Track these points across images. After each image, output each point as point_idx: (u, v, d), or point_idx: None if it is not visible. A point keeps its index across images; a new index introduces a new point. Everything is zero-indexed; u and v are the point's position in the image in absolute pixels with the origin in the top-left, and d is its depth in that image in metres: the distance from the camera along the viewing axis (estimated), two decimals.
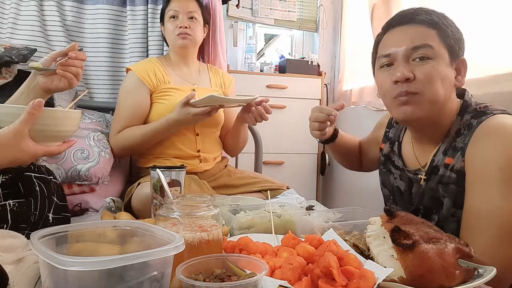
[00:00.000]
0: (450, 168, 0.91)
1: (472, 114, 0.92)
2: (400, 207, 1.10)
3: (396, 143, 1.12)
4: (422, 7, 0.96)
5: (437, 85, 0.88)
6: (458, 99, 0.98)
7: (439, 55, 0.89)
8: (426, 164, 0.99)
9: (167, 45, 1.65)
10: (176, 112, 1.34)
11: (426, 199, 1.00)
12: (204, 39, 1.71)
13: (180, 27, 1.49)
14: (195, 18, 1.53)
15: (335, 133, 1.28)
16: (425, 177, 0.98)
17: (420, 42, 0.89)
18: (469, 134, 0.88)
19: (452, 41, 0.90)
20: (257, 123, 1.47)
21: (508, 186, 0.79)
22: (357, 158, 1.37)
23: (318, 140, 1.28)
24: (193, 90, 1.49)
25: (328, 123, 1.17)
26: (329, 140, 1.28)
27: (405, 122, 1.01)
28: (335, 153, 1.37)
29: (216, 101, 1.34)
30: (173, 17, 1.52)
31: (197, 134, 1.50)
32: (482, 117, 0.89)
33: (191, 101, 1.31)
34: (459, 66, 0.93)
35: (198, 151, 1.50)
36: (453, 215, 0.92)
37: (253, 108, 1.41)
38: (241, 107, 1.47)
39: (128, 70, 1.53)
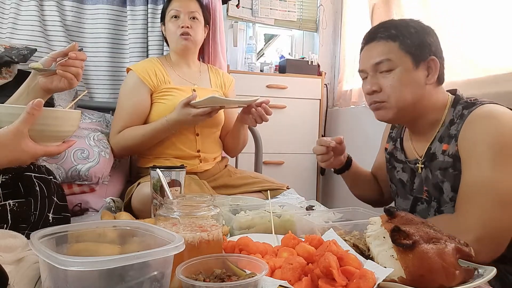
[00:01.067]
0: (446, 154, 1.01)
1: (463, 105, 1.02)
2: (402, 198, 1.18)
3: (398, 139, 1.22)
4: (384, 22, 1.09)
5: (402, 92, 1.02)
6: (450, 94, 1.08)
7: (401, 64, 1.01)
8: (423, 153, 1.08)
9: (168, 45, 1.65)
10: (177, 113, 1.34)
11: (427, 187, 1.07)
12: (204, 39, 1.71)
13: (182, 27, 1.49)
14: (197, 18, 1.53)
15: (349, 162, 1.31)
16: (422, 165, 1.08)
17: (380, 58, 1.03)
18: (462, 122, 0.99)
19: (413, 48, 1.01)
20: (258, 124, 1.47)
21: (497, 160, 0.90)
22: (374, 187, 1.36)
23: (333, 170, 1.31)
24: (194, 90, 1.49)
25: (332, 153, 1.21)
26: (343, 169, 1.30)
27: (384, 121, 1.14)
28: (351, 182, 1.36)
29: (217, 102, 1.34)
30: (175, 17, 1.52)
31: (197, 134, 1.50)
32: (472, 107, 0.99)
33: (192, 102, 1.31)
34: (430, 65, 1.03)
35: (198, 151, 1.50)
36: (451, 199, 1.00)
37: (253, 109, 1.41)
38: (242, 108, 1.47)
39: (128, 70, 1.53)
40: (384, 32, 1.04)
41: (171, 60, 1.58)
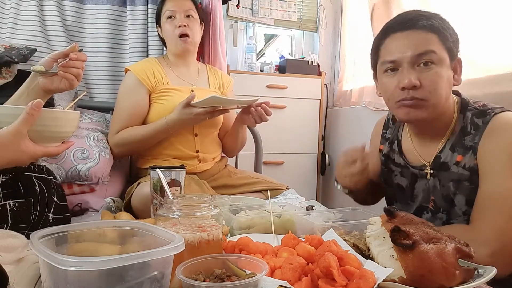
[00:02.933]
0: (462, 166, 0.96)
1: (473, 112, 0.97)
2: (401, 204, 1.13)
3: (396, 141, 1.14)
4: (421, 11, 0.99)
5: (441, 89, 0.93)
6: (455, 96, 1.03)
7: (441, 59, 0.93)
8: (431, 159, 1.02)
9: (165, 46, 1.65)
10: (177, 113, 1.34)
11: (435, 197, 1.02)
12: (204, 39, 1.71)
13: (180, 26, 1.49)
14: (192, 16, 1.53)
15: None
16: (431, 172, 1.02)
17: (424, 49, 0.92)
18: (478, 133, 0.94)
19: (451, 44, 0.94)
20: (257, 124, 1.47)
21: None
22: (374, 189, 1.25)
23: (346, 191, 1.11)
24: (192, 90, 1.49)
25: (367, 161, 1.03)
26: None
27: (408, 122, 1.05)
28: (364, 193, 1.19)
29: (218, 102, 1.34)
30: (170, 17, 1.52)
31: (196, 135, 1.50)
32: (485, 116, 0.94)
33: (192, 102, 1.31)
34: (456, 65, 0.98)
35: (197, 151, 1.50)
36: (465, 213, 0.96)
37: (253, 109, 1.41)
38: (241, 108, 1.47)
39: (127, 70, 1.53)
40: (426, 21, 0.93)
41: (170, 61, 1.58)
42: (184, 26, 1.49)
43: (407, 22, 0.96)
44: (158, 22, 1.60)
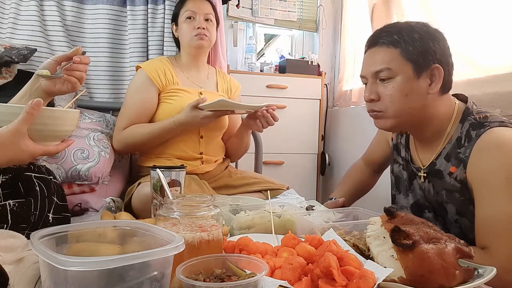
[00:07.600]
0: (454, 177, 0.96)
1: (471, 122, 0.96)
2: (402, 194, 1.17)
3: (404, 135, 1.18)
4: (388, 26, 1.03)
5: (400, 102, 0.98)
6: (457, 102, 1.02)
7: (401, 73, 0.97)
8: (427, 164, 1.05)
9: (177, 46, 1.64)
10: (185, 114, 1.35)
11: (429, 201, 1.06)
12: None
13: (198, 27, 1.49)
14: (211, 20, 1.54)
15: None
16: (424, 175, 1.05)
17: (380, 67, 0.99)
18: (470, 146, 0.93)
19: (415, 56, 0.96)
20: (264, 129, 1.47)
21: None
22: (369, 180, 1.44)
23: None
24: (200, 93, 1.50)
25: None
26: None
27: (384, 130, 1.12)
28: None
29: (226, 105, 1.34)
30: (190, 18, 1.52)
31: (201, 137, 1.50)
32: (480, 129, 0.93)
33: (201, 105, 1.31)
34: (433, 73, 0.97)
35: (201, 153, 1.50)
36: (456, 221, 0.99)
37: (260, 113, 1.41)
38: (248, 113, 1.47)
39: (138, 67, 1.52)
40: (387, 37, 0.99)
41: (181, 62, 1.58)
42: (203, 28, 1.49)
43: (372, 40, 1.03)
44: (174, 20, 1.59)
